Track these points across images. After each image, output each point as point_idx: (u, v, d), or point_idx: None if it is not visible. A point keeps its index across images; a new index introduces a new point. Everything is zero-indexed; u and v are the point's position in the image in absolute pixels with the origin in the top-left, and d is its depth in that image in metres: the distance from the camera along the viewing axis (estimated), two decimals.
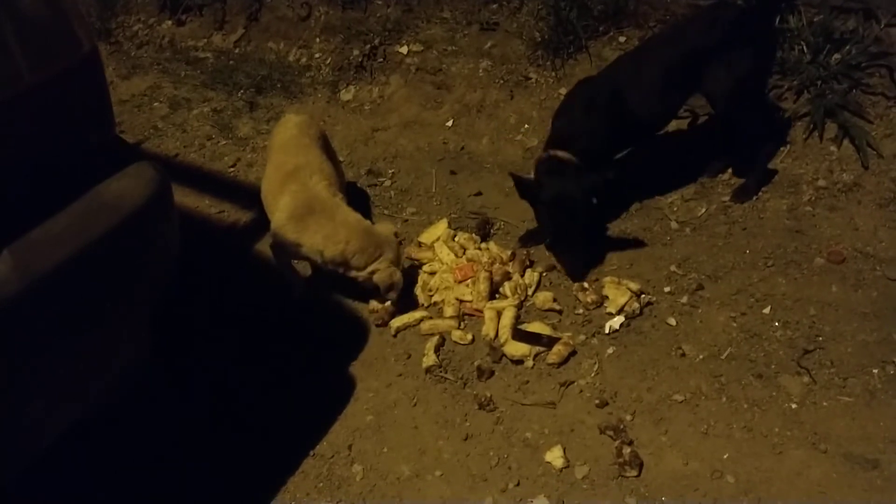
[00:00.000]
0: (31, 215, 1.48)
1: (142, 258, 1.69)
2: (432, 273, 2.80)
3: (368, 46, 4.04)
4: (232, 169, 3.61)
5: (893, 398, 2.16)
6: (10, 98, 1.40)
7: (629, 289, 2.57)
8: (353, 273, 2.56)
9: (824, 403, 2.18)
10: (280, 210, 2.60)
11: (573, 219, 2.60)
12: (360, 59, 4.02)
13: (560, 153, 2.67)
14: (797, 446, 2.10)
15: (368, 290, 2.63)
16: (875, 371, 2.23)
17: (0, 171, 1.43)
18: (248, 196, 3.22)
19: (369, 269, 2.54)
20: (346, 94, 3.93)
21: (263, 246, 2.97)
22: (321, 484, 2.22)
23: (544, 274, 2.72)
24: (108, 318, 1.64)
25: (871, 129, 2.96)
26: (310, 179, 2.64)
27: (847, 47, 3.16)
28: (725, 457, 2.11)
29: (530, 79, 3.61)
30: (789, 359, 2.31)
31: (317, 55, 4.15)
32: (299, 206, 2.55)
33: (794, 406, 2.19)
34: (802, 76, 3.16)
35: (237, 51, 4.43)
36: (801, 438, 2.11)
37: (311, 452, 2.31)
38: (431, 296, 2.73)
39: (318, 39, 4.23)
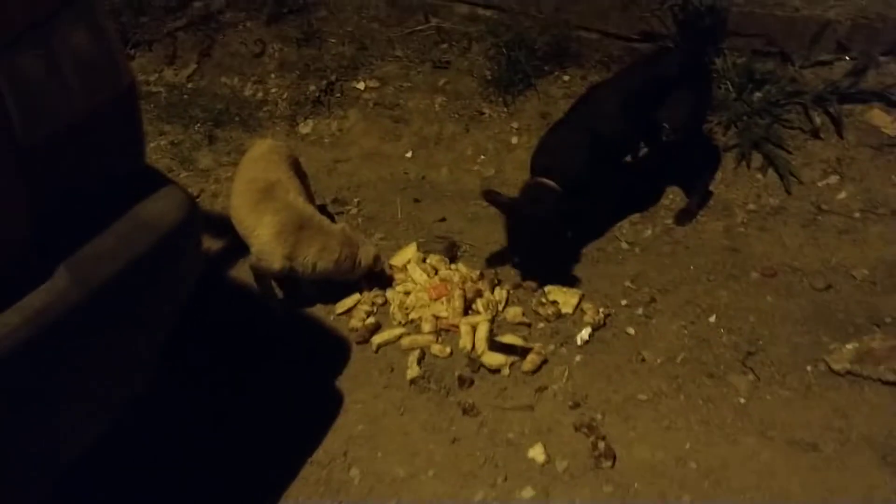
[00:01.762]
0: (78, 234, 1.63)
1: (177, 273, 1.84)
2: (406, 293, 3.00)
3: (325, 82, 4.24)
4: (196, 200, 3.72)
5: (825, 391, 2.48)
6: (66, 126, 1.55)
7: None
8: (343, 276, 2.76)
9: (768, 397, 2.48)
10: (264, 227, 2.74)
11: (542, 239, 2.86)
12: (317, 95, 4.20)
13: (545, 180, 2.92)
14: (747, 434, 2.38)
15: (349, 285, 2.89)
16: (809, 368, 2.55)
17: (56, 194, 1.57)
18: (217, 225, 3.34)
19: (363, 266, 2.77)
20: (304, 128, 4.11)
21: (237, 272, 3.12)
22: (322, 488, 2.37)
23: (511, 291, 2.96)
24: (147, 328, 1.79)
25: (791, 158, 3.34)
26: (288, 196, 2.80)
27: (767, 87, 3.56)
28: (687, 447, 2.37)
29: (484, 113, 3.88)
30: (735, 360, 2.61)
31: (273, 90, 4.31)
32: (285, 222, 2.71)
33: (742, 400, 2.48)
34: (730, 112, 3.53)
35: (190, 85, 4.54)
36: (751, 428, 2.40)
37: (309, 460, 2.45)
38: (408, 314, 2.93)
39: (273, 75, 4.39)
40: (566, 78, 3.95)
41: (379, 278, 3.00)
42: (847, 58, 3.53)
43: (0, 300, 1.46)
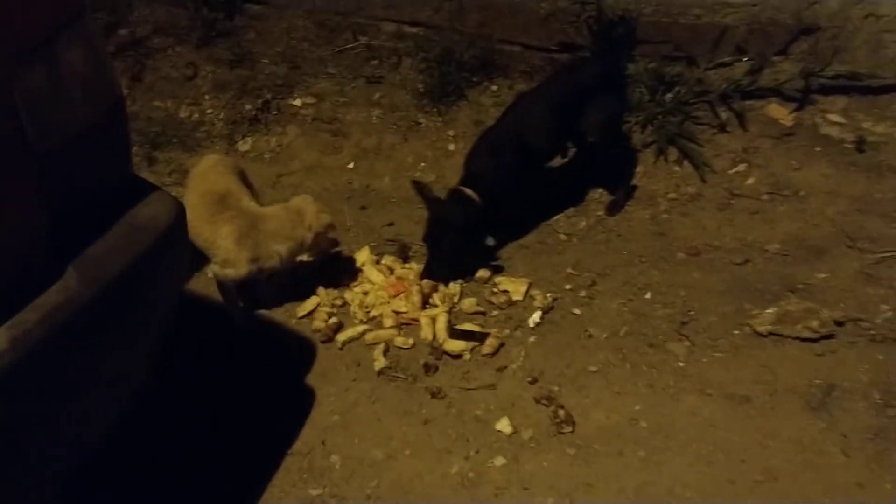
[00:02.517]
0: (82, 236, 1.76)
1: (170, 272, 1.98)
2: (365, 293, 3.17)
3: (261, 101, 4.37)
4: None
5: (752, 350, 2.78)
6: (71, 135, 1.69)
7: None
8: (307, 254, 2.96)
9: (703, 360, 2.77)
10: (224, 238, 2.86)
11: (445, 238, 3.08)
12: (253, 113, 4.33)
13: (467, 190, 3.15)
14: (689, 394, 2.66)
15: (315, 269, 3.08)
16: (736, 332, 2.85)
17: (63, 198, 1.70)
18: None
19: (313, 227, 2.90)
20: (243, 145, 4.23)
21: (193, 284, 3.23)
22: (305, 475, 2.52)
23: (464, 284, 3.17)
24: (147, 323, 1.93)
25: (704, 151, 3.68)
26: (241, 203, 2.94)
27: (676, 88, 3.90)
28: (637, 408, 2.63)
29: (420, 123, 4.10)
30: (671, 330, 2.89)
31: (209, 111, 4.41)
32: (243, 226, 2.84)
33: (681, 364, 2.76)
34: (645, 112, 3.85)
35: None
36: (691, 388, 2.68)
37: (288, 451, 2.60)
38: (368, 312, 3.10)
39: (207, 96, 4.49)
40: (494, 88, 4.21)
41: (339, 277, 3.15)
42: (745, 59, 3.90)
43: (17, 298, 1.57)
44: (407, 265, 3.27)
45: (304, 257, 3.04)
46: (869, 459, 2.37)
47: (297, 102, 4.29)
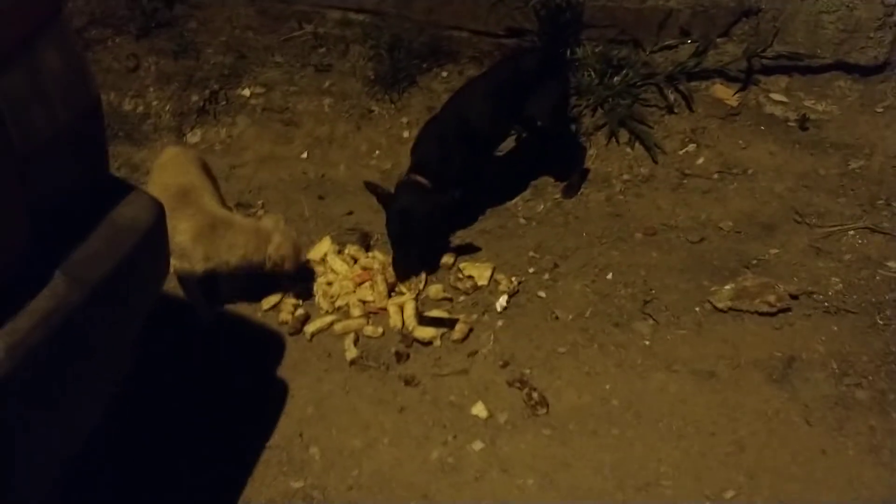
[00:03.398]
0: (66, 239, 1.72)
1: (153, 270, 1.96)
2: (329, 283, 3.16)
3: (208, 91, 4.29)
4: None
5: (714, 326, 2.88)
6: (51, 136, 1.65)
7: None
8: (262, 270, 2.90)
9: (668, 337, 2.85)
10: (181, 234, 2.81)
11: (411, 232, 3.08)
12: (201, 104, 4.25)
13: (417, 177, 3.17)
14: (656, 371, 2.73)
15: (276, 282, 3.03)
16: (697, 309, 2.94)
17: (46, 201, 1.66)
18: None
19: (272, 258, 2.87)
20: (192, 137, 4.16)
21: None
22: (285, 468, 2.51)
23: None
24: (131, 320, 1.90)
25: (654, 132, 3.77)
26: (202, 199, 2.90)
27: (624, 71, 3.97)
28: (607, 387, 2.69)
29: (373, 111, 4.08)
30: (635, 309, 2.96)
31: (154, 103, 4.31)
32: (202, 226, 2.81)
33: (647, 343, 2.83)
34: (594, 95, 3.91)
35: None
36: (658, 365, 2.75)
37: (266, 445, 2.58)
38: (334, 302, 3.09)
39: (151, 88, 4.38)
40: (444, 74, 4.22)
41: (301, 273, 3.13)
42: (689, 41, 4.00)
43: (7, 305, 1.54)
44: (370, 254, 3.27)
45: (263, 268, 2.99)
46: (830, 427, 2.48)
47: (246, 92, 4.23)
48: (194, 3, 4.72)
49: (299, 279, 3.14)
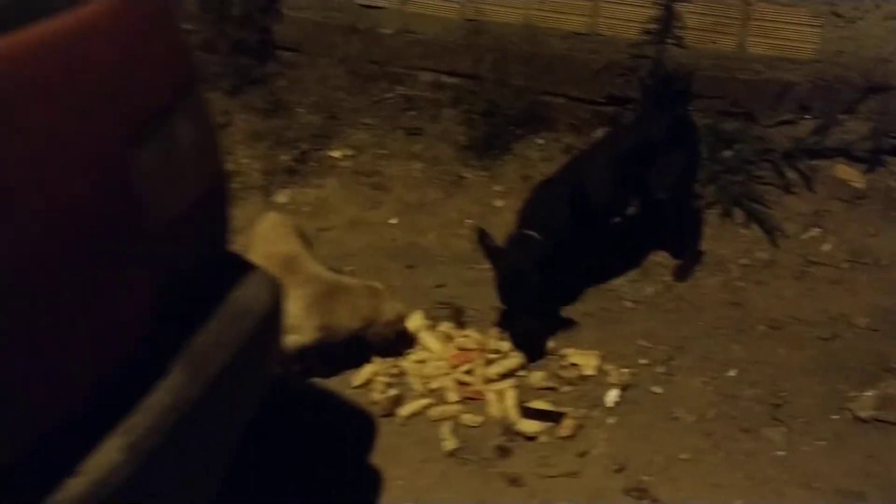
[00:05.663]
0: (183, 325, 1.55)
1: (270, 355, 1.78)
2: (421, 361, 2.94)
3: (297, 151, 4.18)
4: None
5: (856, 438, 2.56)
6: (180, 213, 1.49)
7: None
8: (371, 333, 2.74)
9: (804, 448, 2.54)
10: (293, 302, 2.63)
11: (522, 288, 2.85)
12: (290, 164, 4.14)
13: (528, 232, 2.94)
14: (794, 486, 2.42)
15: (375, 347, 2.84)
16: (836, 417, 2.63)
17: (168, 281, 1.49)
18: None
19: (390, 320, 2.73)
20: (281, 197, 4.02)
21: None
22: None
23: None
24: (244, 409, 1.71)
25: (772, 213, 3.49)
26: (310, 266, 2.74)
27: (736, 145, 3.73)
28: (738, 503, 2.39)
29: (465, 178, 3.91)
30: (764, 413, 2.66)
31: (243, 160, 4.20)
32: (317, 293, 2.65)
33: (781, 453, 2.52)
34: (705, 170, 3.67)
35: None
36: (794, 480, 2.44)
37: None
38: (427, 383, 2.86)
39: (241, 146, 4.28)
40: (540, 141, 4.04)
41: (395, 345, 2.92)
42: (808, 117, 3.74)
43: (126, 397, 1.36)
44: (464, 332, 3.04)
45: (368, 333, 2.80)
46: None
47: (336, 154, 4.10)
48: (286, 61, 4.67)
49: (391, 353, 2.91)
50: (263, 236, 2.86)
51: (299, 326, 2.64)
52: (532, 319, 2.92)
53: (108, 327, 1.39)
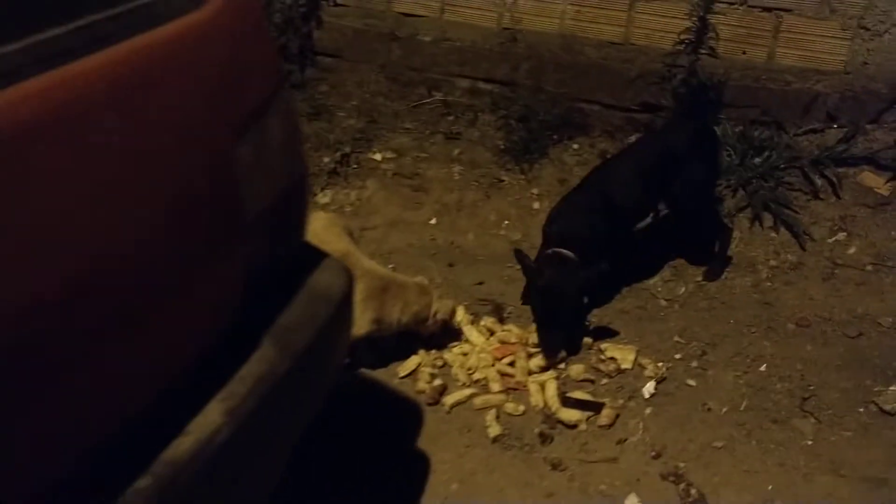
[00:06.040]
0: (269, 306, 1.70)
1: (344, 339, 1.93)
2: (465, 354, 3.09)
3: (339, 154, 4.33)
4: None
5: (882, 430, 2.69)
6: (269, 204, 1.65)
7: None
8: (421, 328, 2.91)
9: (832, 438, 2.67)
10: None
11: (561, 308, 2.99)
12: (332, 166, 4.29)
13: (562, 251, 3.09)
14: (822, 473, 2.55)
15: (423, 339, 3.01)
16: (861, 410, 2.76)
17: (258, 267, 1.65)
18: None
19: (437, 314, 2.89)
20: (323, 198, 4.18)
21: None
22: None
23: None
24: (322, 393, 1.86)
25: (800, 218, 3.62)
26: (363, 262, 2.89)
27: (766, 153, 3.86)
28: (770, 488, 2.52)
29: (503, 181, 4.06)
30: (794, 405, 2.80)
31: None
32: (372, 288, 2.79)
33: (810, 442, 2.66)
34: (736, 176, 3.81)
35: None
36: (824, 467, 2.57)
37: None
38: (471, 374, 3.01)
39: None
40: (575, 146, 4.19)
41: (440, 338, 3.07)
42: (836, 126, 3.87)
43: (223, 368, 1.52)
44: (505, 327, 3.19)
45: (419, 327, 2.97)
46: None
47: (377, 157, 4.26)
48: (325, 66, 4.83)
49: (435, 346, 3.07)
50: (316, 234, 3.01)
51: (354, 319, 2.78)
52: (563, 331, 3.05)
53: (210, 307, 1.55)
